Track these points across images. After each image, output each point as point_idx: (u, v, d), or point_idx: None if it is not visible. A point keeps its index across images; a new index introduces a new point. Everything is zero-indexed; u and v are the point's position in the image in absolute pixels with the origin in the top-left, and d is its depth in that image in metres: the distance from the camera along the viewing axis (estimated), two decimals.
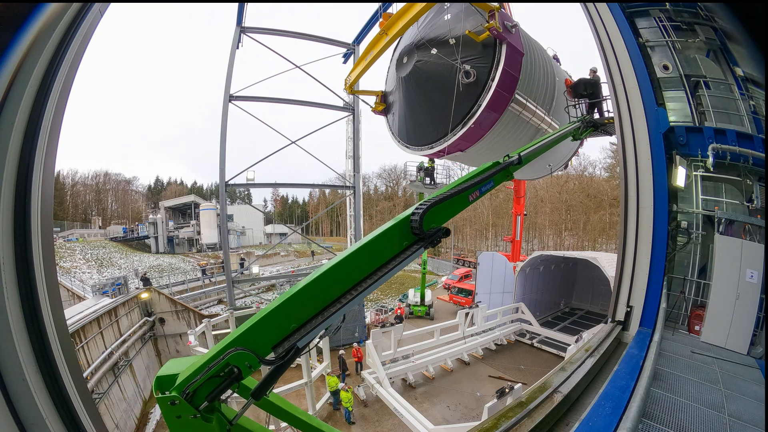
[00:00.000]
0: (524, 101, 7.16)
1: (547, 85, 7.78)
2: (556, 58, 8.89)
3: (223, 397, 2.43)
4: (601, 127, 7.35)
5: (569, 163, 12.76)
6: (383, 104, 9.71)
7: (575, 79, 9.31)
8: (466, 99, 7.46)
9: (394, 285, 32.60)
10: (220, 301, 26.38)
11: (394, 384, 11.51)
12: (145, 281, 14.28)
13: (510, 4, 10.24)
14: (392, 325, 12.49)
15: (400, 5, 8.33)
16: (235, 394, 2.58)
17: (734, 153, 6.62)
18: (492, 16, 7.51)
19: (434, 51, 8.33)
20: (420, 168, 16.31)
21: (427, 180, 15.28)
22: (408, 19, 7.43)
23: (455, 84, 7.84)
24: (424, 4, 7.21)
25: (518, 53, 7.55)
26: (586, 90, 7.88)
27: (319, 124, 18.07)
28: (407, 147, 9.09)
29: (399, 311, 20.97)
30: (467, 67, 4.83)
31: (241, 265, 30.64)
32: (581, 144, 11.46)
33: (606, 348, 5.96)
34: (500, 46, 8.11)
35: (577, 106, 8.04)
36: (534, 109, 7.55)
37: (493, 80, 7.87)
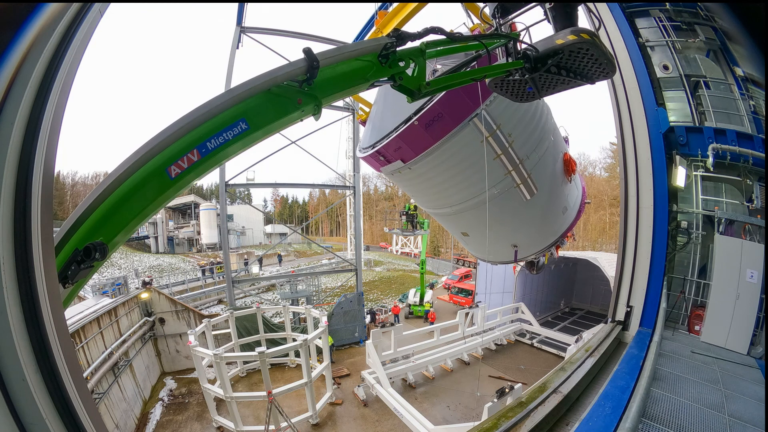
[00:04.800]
0: (494, 127, 5.54)
1: (534, 128, 6.09)
2: (566, 139, 7.78)
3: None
4: (536, 72, 3.11)
5: (545, 257, 8.96)
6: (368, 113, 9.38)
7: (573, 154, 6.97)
8: (423, 98, 5.91)
9: (395, 285, 32.57)
10: (220, 301, 26.36)
11: (394, 384, 11.51)
12: (145, 284, 14.30)
13: None
14: (392, 324, 12.50)
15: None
16: None
17: (734, 153, 6.63)
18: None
19: None
20: (403, 212, 16.04)
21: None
22: (401, 18, 7.34)
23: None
24: (416, 3, 7.11)
25: (495, 58, 5.55)
26: None
27: (319, 123, 18.02)
28: (360, 150, 7.65)
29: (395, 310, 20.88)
30: (438, 66, 4.06)
31: (246, 263, 30.61)
32: (565, 236, 7.91)
33: (606, 348, 5.97)
34: None
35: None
36: (506, 144, 5.78)
37: None
